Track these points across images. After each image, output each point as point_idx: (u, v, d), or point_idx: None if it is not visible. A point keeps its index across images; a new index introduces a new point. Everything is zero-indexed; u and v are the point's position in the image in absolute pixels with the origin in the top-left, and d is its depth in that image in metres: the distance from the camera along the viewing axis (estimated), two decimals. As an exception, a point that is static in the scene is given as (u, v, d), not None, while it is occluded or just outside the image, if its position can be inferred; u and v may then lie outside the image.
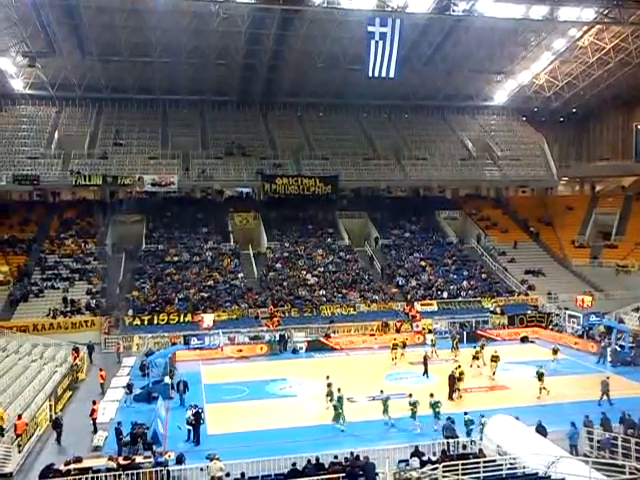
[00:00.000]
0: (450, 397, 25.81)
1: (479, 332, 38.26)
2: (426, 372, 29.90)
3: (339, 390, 23.94)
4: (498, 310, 42.03)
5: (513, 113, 65.15)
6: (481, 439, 19.36)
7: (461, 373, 26.68)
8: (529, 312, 41.74)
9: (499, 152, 60.36)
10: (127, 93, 54.93)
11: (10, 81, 50.45)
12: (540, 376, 26.36)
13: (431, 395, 23.02)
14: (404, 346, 33.66)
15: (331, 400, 23.95)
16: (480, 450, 18.10)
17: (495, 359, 29.46)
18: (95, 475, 16.92)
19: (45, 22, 43.14)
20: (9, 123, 54.10)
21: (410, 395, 23.28)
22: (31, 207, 50.81)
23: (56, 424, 21.69)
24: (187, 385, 25.97)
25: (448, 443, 18.98)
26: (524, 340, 37.96)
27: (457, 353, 33.34)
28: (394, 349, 33.01)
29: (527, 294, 45.92)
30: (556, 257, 52.82)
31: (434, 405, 22.51)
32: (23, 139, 52.41)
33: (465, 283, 46.60)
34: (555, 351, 31.86)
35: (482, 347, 31.88)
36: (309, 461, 17.38)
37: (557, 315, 40.88)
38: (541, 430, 19.27)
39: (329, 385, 24.78)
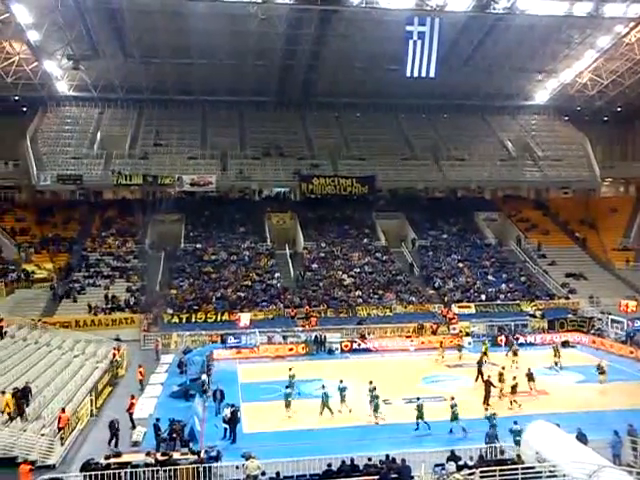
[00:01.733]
0: (486, 402, 25.33)
1: (518, 335, 37.69)
2: (480, 376, 28.35)
3: (323, 387, 24.79)
4: (538, 314, 41.23)
5: (555, 113, 63.72)
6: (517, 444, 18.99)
7: (501, 374, 26.33)
8: (570, 316, 40.78)
9: (540, 152, 59.21)
10: (167, 94, 55.77)
11: (55, 83, 51.80)
12: (513, 387, 25.59)
13: (486, 409, 22.66)
14: (460, 348, 34.09)
15: (287, 387, 25.56)
16: (518, 456, 17.76)
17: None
18: (134, 470, 17.25)
19: (89, 26, 44.23)
20: (54, 124, 55.60)
21: (452, 398, 22.93)
22: (74, 206, 52.10)
23: (112, 427, 21.41)
24: (224, 394, 25.28)
25: (486, 448, 18.70)
26: (565, 345, 37.01)
27: (514, 359, 31.43)
28: (441, 347, 33.94)
29: (568, 298, 44.92)
30: (599, 260, 51.49)
31: (489, 418, 21.95)
32: (67, 139, 53.77)
33: (504, 286, 45.85)
34: (601, 371, 28.22)
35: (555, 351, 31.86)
36: (344, 462, 17.36)
37: (599, 320, 39.82)
38: (581, 438, 18.76)
39: (291, 377, 26.78)
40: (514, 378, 26.12)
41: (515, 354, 31.94)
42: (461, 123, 61.55)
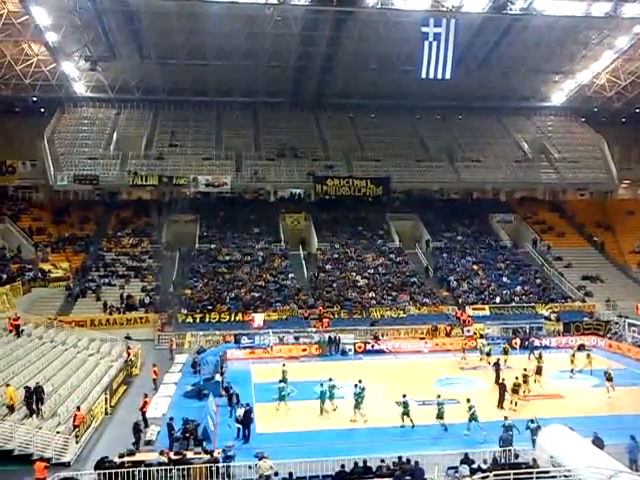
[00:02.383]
0: (500, 406, 25.17)
1: (533, 337, 37.32)
2: (497, 378, 28.30)
3: (321, 385, 25.40)
4: (553, 317, 40.85)
5: (571, 114, 63.18)
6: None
7: (525, 376, 26.17)
8: (586, 319, 40.39)
9: (556, 154, 58.75)
10: (183, 95, 56.08)
11: (73, 84, 52.31)
12: (516, 387, 25.45)
13: (468, 400, 22.63)
14: (489, 353, 32.69)
15: (280, 381, 26.14)
16: (534, 460, 17.59)
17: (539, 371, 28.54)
18: (147, 469, 17.33)
19: (106, 27, 44.64)
20: (71, 125, 56.13)
21: (468, 400, 22.88)
22: (90, 206, 52.54)
23: (136, 428, 21.37)
24: (239, 398, 25.21)
25: (500, 452, 18.57)
26: (581, 348, 36.64)
27: (540, 361, 30.22)
28: (464, 352, 33.82)
29: (584, 301, 44.50)
30: (615, 263, 50.91)
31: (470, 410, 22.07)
32: (84, 140, 54.25)
33: (519, 288, 45.53)
34: (609, 377, 27.21)
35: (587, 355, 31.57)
36: (356, 464, 17.32)
37: (616, 323, 39.37)
38: (598, 443, 18.54)
39: (284, 372, 27.37)
40: (517, 378, 25.85)
41: (539, 358, 30.65)
42: (476, 124, 61.28)
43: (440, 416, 22.65)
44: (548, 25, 45.39)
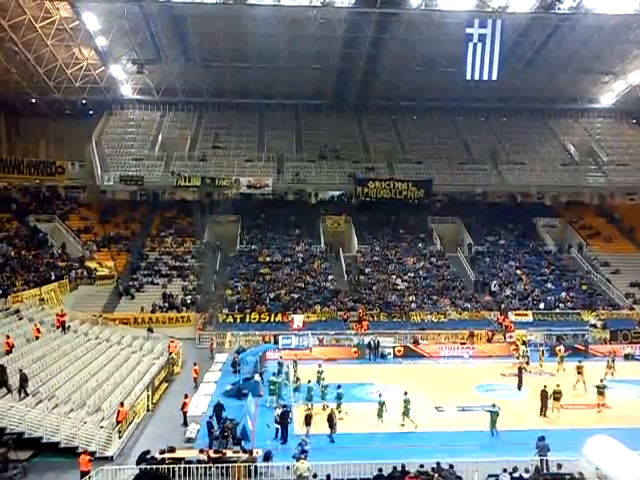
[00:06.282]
0: (542, 413, 24.60)
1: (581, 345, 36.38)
2: (520, 385, 28.47)
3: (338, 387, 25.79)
4: (599, 324, 39.67)
5: (622, 115, 61.40)
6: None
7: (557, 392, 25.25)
8: (636, 328, 39.10)
9: (605, 157, 57.15)
10: (226, 97, 56.78)
11: (120, 87, 53.63)
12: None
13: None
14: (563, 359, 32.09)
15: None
16: (579, 472, 17.09)
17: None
18: (187, 466, 17.57)
19: (153, 31, 45.63)
20: (118, 126, 57.52)
21: (406, 393, 23.64)
22: (135, 206, 53.69)
23: (218, 408, 22.25)
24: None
25: (542, 461, 18.13)
26: (628, 357, 35.53)
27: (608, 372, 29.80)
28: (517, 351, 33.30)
29: (632, 308, 43.09)
30: (667, 270, 49.13)
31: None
32: (130, 141, 55.55)
33: (563, 294, 44.44)
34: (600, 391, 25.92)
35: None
36: (395, 468, 17.16)
37: (667, 332, 38.03)
38: (646, 455, 17.92)
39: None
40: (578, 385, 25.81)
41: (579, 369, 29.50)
42: (521, 126, 60.20)
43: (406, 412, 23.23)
44: (598, 24, 44.16)
